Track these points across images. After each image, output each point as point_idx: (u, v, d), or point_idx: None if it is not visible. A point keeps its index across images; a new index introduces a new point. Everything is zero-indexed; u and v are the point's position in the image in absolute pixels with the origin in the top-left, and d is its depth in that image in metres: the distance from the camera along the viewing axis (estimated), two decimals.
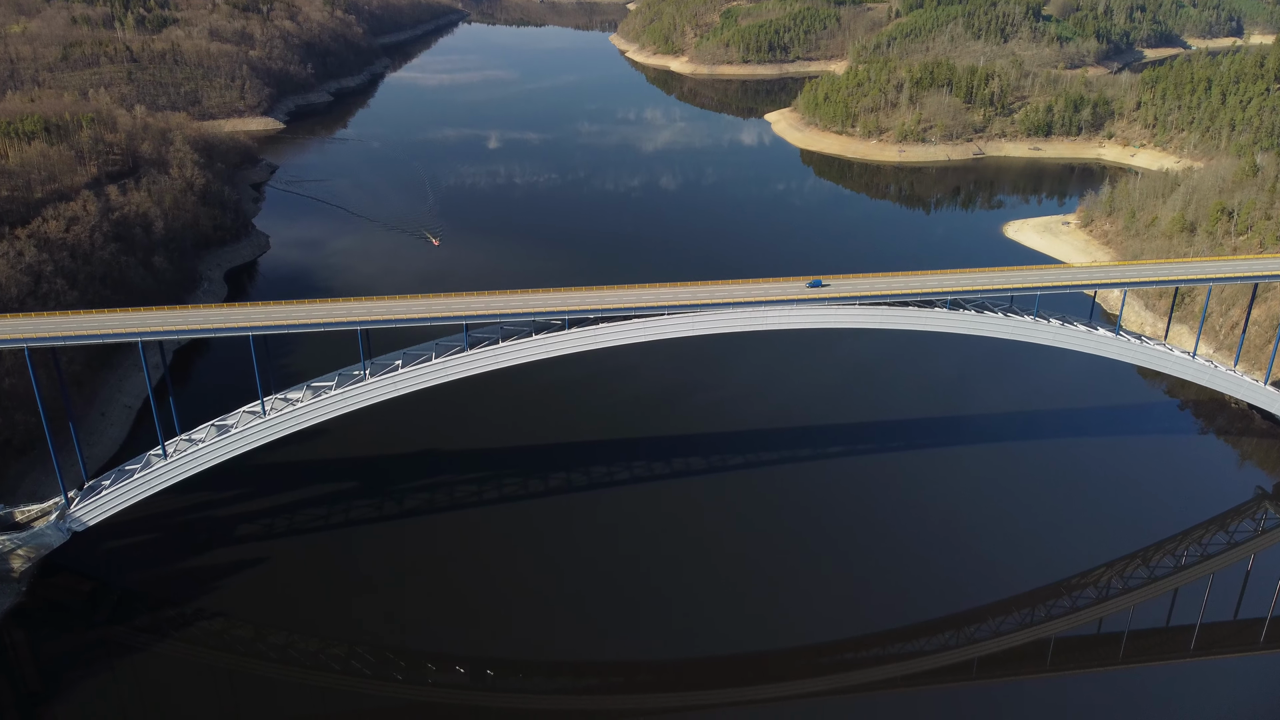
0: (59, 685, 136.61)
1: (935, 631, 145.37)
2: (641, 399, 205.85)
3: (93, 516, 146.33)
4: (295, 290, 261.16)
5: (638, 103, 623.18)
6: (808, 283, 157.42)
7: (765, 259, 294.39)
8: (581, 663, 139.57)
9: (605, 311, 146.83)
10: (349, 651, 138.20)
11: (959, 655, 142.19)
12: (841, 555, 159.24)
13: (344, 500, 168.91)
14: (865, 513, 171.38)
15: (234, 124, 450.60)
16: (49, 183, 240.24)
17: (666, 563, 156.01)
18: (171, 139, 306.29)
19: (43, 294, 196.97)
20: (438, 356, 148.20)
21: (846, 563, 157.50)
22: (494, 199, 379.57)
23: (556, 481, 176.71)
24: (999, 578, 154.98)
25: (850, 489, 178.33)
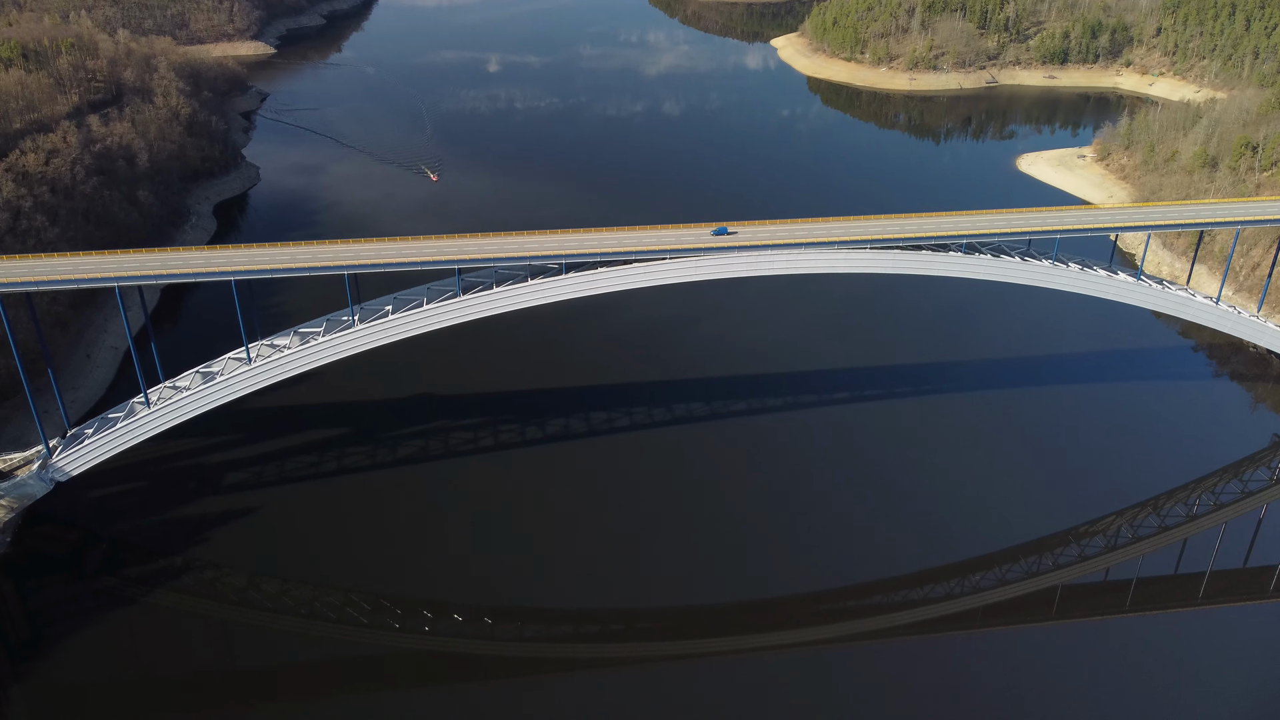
0: (49, 636, 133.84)
1: (939, 579, 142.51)
2: (640, 341, 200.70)
3: (76, 466, 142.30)
4: (286, 224, 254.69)
5: (640, 25, 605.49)
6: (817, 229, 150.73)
7: (770, 195, 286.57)
8: (580, 610, 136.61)
9: (604, 256, 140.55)
10: (344, 599, 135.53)
11: (963, 604, 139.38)
12: (845, 503, 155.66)
13: (336, 447, 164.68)
14: (869, 460, 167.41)
15: (222, 48, 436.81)
16: (27, 113, 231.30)
17: (665, 509, 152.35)
18: (156, 65, 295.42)
19: (22, 231, 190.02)
20: (429, 302, 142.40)
21: (849, 510, 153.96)
22: (494, 125, 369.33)
23: (554, 428, 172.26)
24: (1005, 526, 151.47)
25: (853, 435, 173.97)
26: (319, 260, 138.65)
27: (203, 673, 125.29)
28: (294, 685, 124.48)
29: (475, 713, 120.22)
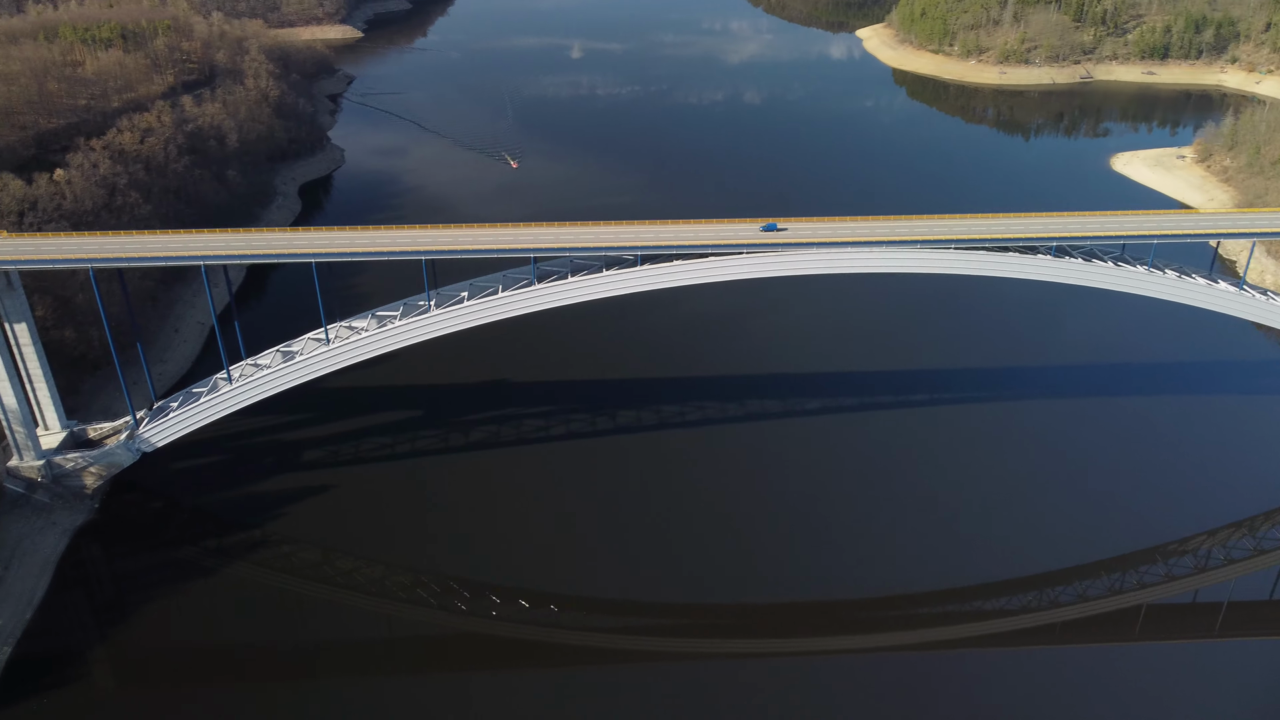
0: (132, 601, 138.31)
1: (1017, 591, 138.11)
2: (714, 333, 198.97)
3: (161, 438, 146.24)
4: (368, 206, 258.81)
5: (722, 13, 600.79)
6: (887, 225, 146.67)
7: (848, 189, 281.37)
8: (650, 604, 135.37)
9: (680, 248, 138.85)
10: (414, 580, 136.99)
11: (1041, 618, 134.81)
12: (920, 506, 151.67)
13: (409, 430, 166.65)
14: (945, 463, 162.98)
15: (311, 31, 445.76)
16: (125, 92, 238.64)
17: (736, 507, 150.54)
18: (247, 48, 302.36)
19: (116, 207, 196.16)
20: (504, 290, 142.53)
21: (925, 515, 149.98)
22: (574, 112, 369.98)
23: (625, 419, 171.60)
24: (1087, 539, 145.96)
25: (929, 438, 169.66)
26: (397, 245, 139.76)
27: (275, 644, 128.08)
28: (362, 662, 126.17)
29: (536, 699, 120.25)
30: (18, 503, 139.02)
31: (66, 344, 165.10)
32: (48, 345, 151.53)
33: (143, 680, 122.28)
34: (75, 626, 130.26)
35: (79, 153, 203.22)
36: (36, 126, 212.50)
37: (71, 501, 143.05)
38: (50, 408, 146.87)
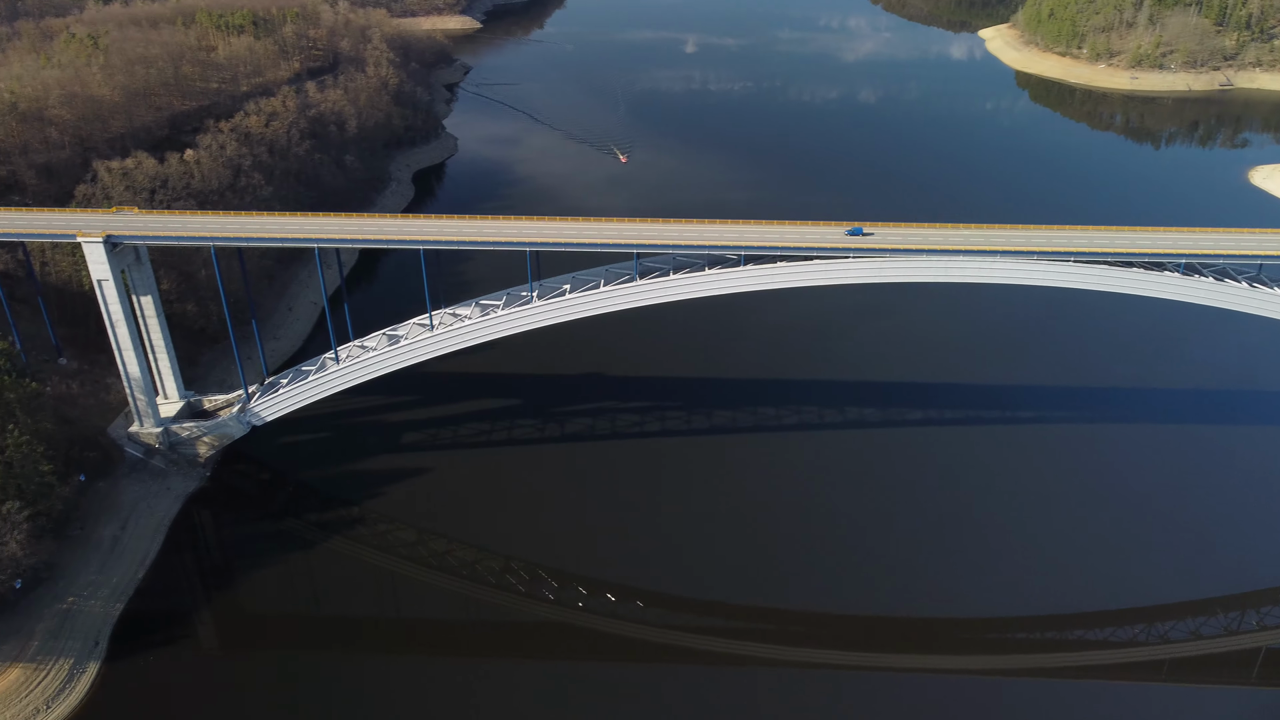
0: (237, 567, 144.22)
1: (1124, 622, 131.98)
2: (814, 335, 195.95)
3: (270, 413, 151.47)
4: (478, 194, 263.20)
5: (840, 10, 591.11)
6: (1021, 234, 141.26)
7: (966, 195, 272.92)
8: (740, 606, 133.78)
9: (784, 250, 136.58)
10: (504, 565, 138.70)
11: (1149, 653, 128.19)
12: (1034, 527, 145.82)
13: (506, 418, 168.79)
14: (1051, 485, 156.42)
15: (432, 21, 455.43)
16: (253, 77, 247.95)
17: (837, 515, 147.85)
18: (370, 36, 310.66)
19: (240, 188, 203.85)
20: (606, 284, 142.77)
21: (1038, 535, 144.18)
22: (686, 107, 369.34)
23: (721, 420, 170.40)
24: (1205, 574, 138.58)
25: (1038, 458, 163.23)
26: (503, 235, 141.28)
27: (367, 618, 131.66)
28: (449, 642, 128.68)
29: (615, 692, 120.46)
30: (136, 467, 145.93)
31: (188, 317, 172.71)
32: (171, 318, 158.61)
33: (244, 643, 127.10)
34: (183, 587, 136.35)
35: (208, 134, 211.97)
36: (171, 108, 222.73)
37: (185, 468, 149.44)
38: (170, 378, 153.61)
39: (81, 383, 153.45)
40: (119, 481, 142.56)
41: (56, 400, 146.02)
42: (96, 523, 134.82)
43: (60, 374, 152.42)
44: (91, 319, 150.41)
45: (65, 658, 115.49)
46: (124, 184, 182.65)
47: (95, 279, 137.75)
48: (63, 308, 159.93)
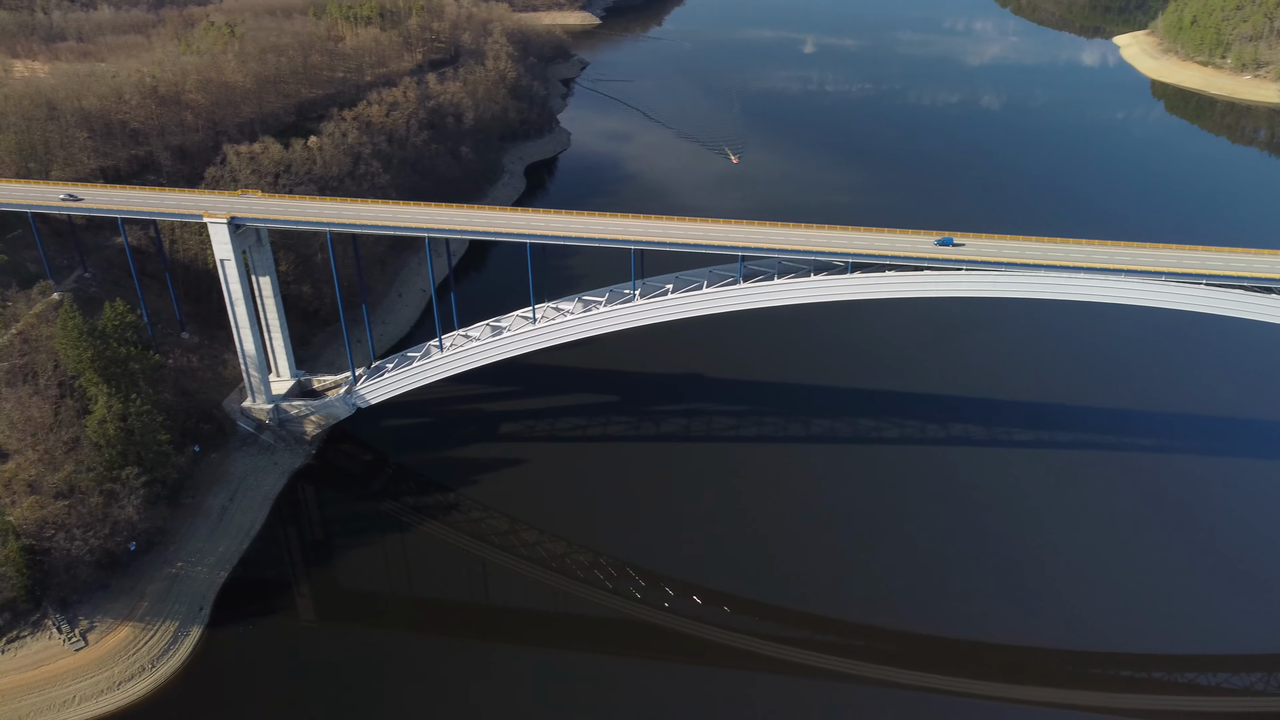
0: (336, 543, 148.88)
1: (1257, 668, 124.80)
2: (919, 345, 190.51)
3: (375, 396, 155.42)
4: (588, 189, 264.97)
5: (966, 12, 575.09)
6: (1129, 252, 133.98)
7: (1088, 208, 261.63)
8: (832, 619, 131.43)
9: (894, 259, 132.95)
10: (593, 560, 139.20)
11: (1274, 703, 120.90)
12: (1092, 561, 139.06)
13: (603, 414, 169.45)
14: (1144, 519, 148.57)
15: (552, 17, 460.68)
16: (377, 67, 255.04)
17: (935, 533, 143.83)
18: (491, 30, 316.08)
19: (359, 175, 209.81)
20: (709, 286, 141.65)
21: (1099, 571, 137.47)
22: (801, 107, 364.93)
23: (819, 429, 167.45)
24: None
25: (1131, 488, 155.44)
26: (609, 232, 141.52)
27: (457, 603, 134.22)
28: (535, 633, 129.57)
29: (697, 696, 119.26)
30: (246, 441, 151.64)
31: (303, 299, 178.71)
32: (287, 299, 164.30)
33: (338, 617, 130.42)
34: (284, 560, 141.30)
35: (331, 122, 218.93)
36: (299, 95, 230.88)
37: (292, 445, 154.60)
38: (283, 357, 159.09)
39: (201, 357, 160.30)
40: (230, 454, 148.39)
41: (177, 373, 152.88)
42: (207, 492, 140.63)
43: (182, 347, 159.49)
44: (213, 296, 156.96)
45: (171, 620, 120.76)
46: (250, 167, 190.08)
47: (218, 258, 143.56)
48: (188, 284, 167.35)
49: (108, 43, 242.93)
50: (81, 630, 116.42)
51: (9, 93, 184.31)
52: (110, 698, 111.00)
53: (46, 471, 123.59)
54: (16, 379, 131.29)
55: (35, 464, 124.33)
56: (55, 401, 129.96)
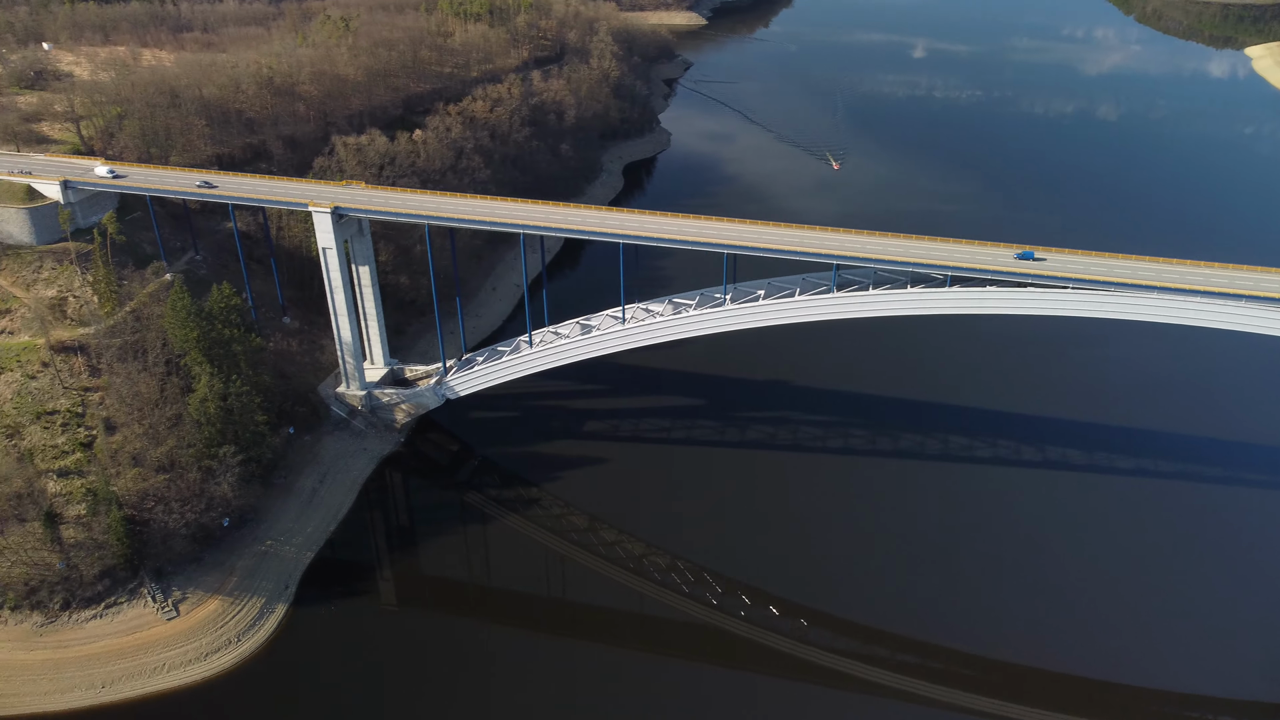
0: (420, 530, 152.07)
1: None
2: (1018, 361, 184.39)
3: (464, 388, 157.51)
4: (685, 191, 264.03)
5: (1087, 19, 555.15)
6: None
7: (1207, 228, 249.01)
8: (905, 638, 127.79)
9: (995, 274, 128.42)
10: (670, 563, 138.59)
11: None
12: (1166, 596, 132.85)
13: (688, 417, 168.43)
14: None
15: (659, 17, 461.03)
16: (484, 63, 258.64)
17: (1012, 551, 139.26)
18: (597, 29, 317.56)
19: (460, 169, 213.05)
20: (802, 293, 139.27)
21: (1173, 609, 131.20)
22: (907, 113, 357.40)
23: (908, 443, 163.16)
24: None
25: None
26: (702, 236, 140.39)
27: (535, 597, 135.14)
28: (614, 631, 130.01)
29: (769, 708, 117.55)
30: (338, 426, 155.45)
31: (400, 289, 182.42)
32: (384, 288, 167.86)
33: (419, 603, 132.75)
34: (369, 544, 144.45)
35: (436, 116, 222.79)
36: (407, 89, 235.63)
37: (382, 432, 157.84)
38: (378, 345, 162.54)
39: (300, 342, 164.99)
40: (322, 438, 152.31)
41: (276, 356, 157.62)
42: (299, 474, 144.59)
43: (282, 332, 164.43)
44: (315, 283, 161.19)
45: (258, 596, 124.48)
46: (356, 159, 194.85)
47: (321, 246, 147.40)
48: (291, 270, 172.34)
49: (230, 34, 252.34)
50: (174, 601, 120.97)
51: (136, 80, 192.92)
52: (197, 668, 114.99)
53: (150, 445, 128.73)
54: (128, 355, 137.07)
55: (140, 438, 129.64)
56: (161, 378, 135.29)
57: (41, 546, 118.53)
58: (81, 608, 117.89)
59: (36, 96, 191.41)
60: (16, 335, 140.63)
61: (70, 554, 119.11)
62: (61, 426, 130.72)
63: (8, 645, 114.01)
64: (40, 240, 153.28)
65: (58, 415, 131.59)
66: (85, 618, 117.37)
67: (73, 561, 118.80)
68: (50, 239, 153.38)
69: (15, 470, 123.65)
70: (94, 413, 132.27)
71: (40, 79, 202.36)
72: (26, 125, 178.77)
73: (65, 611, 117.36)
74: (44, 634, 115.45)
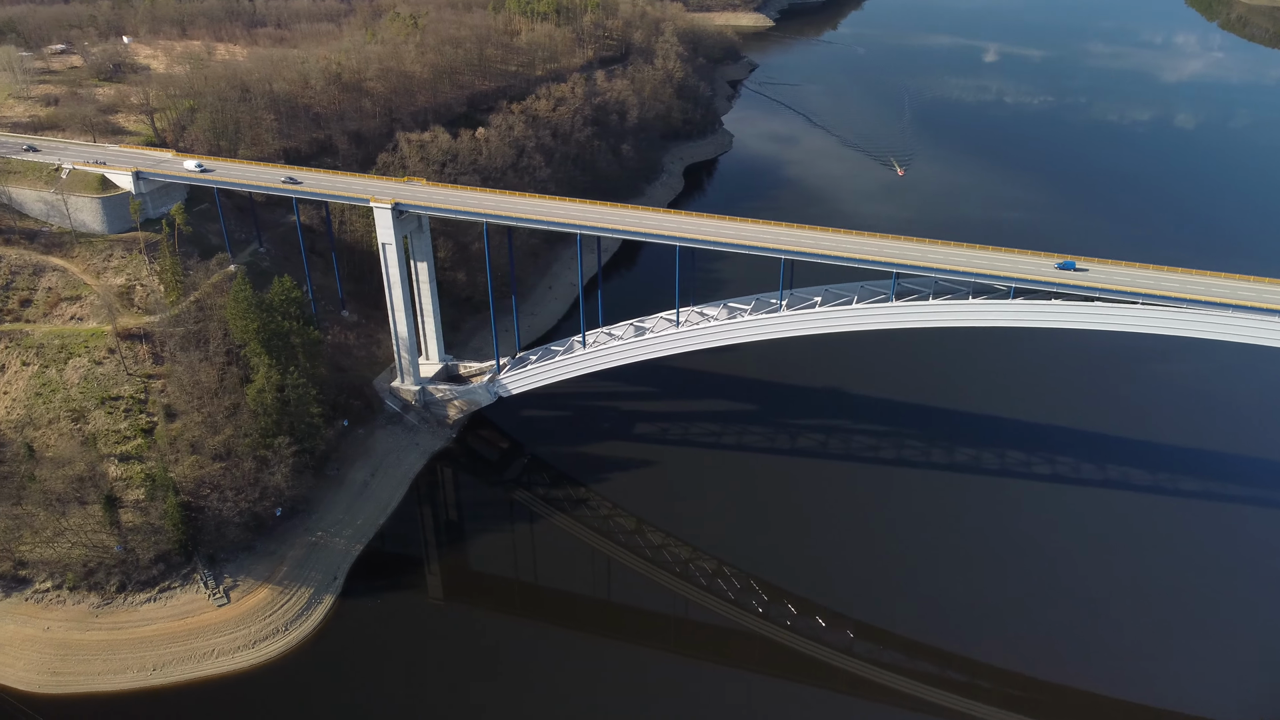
0: (468, 525, 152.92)
1: None
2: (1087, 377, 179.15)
3: (516, 386, 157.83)
4: (745, 194, 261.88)
5: (1166, 25, 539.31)
6: None
7: None
8: (954, 655, 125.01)
9: (1062, 287, 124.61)
10: (716, 569, 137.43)
11: None
12: None
13: (739, 422, 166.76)
14: None
15: (725, 17, 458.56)
16: (549, 62, 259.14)
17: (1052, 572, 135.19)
18: (663, 29, 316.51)
19: (521, 167, 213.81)
20: (859, 301, 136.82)
21: None
22: (976, 117, 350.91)
23: (963, 456, 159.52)
24: None
25: None
26: (760, 240, 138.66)
27: (581, 597, 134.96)
28: (654, 635, 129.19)
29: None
30: (392, 420, 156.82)
31: (458, 285, 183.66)
32: (442, 284, 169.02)
33: (465, 599, 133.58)
34: (417, 538, 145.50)
35: (499, 114, 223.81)
36: (472, 87, 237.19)
37: (434, 427, 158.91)
38: (433, 341, 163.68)
39: (357, 335, 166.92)
40: (375, 431, 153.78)
41: (334, 348, 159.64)
42: (351, 466, 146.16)
43: (341, 325, 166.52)
44: (374, 278, 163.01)
45: (307, 586, 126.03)
46: (419, 155, 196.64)
47: (380, 242, 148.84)
48: (352, 264, 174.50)
49: (302, 30, 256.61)
50: (225, 588, 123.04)
51: (209, 74, 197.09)
52: (245, 655, 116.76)
53: (208, 434, 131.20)
54: (190, 344, 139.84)
55: (199, 425, 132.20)
56: (221, 368, 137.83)
57: (100, 529, 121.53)
58: (136, 590, 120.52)
59: (114, 89, 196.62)
60: (85, 321, 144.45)
61: (128, 537, 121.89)
62: (125, 412, 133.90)
63: (65, 625, 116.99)
64: (111, 229, 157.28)
65: (121, 401, 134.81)
66: (139, 601, 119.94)
67: (130, 545, 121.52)
68: (121, 228, 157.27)
69: (79, 453, 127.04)
70: (155, 399, 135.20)
71: (118, 72, 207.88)
72: (103, 117, 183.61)
73: (121, 594, 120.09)
74: (100, 615, 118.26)
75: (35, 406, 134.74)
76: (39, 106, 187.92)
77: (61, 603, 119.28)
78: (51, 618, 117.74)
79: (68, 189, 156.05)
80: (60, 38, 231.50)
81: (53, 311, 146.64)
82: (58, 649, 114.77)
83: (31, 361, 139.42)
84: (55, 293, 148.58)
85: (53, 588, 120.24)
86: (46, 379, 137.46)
